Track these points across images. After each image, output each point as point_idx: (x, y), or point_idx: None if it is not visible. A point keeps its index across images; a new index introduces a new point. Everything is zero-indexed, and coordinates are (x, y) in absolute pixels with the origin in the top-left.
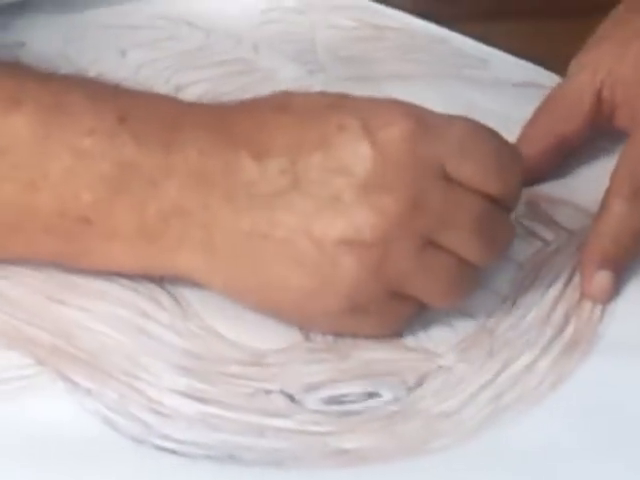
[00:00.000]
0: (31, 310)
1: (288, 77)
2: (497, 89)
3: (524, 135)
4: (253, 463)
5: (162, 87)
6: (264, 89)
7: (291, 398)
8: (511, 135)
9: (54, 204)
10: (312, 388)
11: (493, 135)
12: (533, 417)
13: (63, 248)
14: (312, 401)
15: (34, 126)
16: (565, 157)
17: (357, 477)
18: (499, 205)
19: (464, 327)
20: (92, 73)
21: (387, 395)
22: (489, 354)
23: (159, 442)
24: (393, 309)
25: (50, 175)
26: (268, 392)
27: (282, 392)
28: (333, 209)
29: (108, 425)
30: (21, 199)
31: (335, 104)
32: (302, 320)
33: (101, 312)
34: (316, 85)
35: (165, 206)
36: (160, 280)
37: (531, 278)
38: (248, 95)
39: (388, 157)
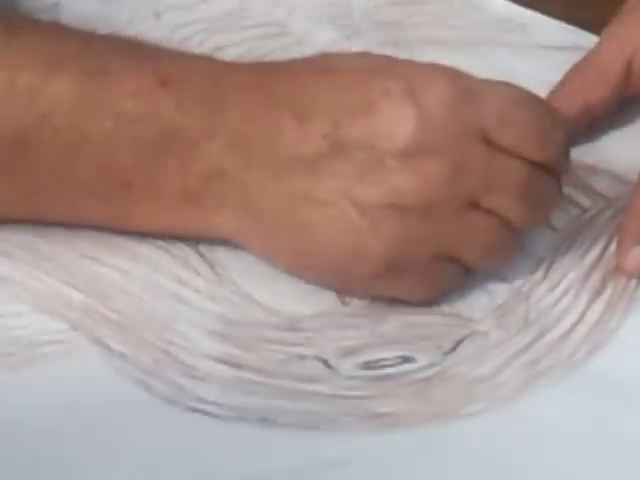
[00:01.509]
0: (65, 267)
1: (324, 41)
2: (537, 54)
3: (550, 98)
4: (287, 426)
5: (196, 50)
6: (298, 53)
7: (326, 363)
8: None
9: (96, 168)
10: (347, 353)
11: (536, 101)
12: (568, 384)
13: (104, 211)
14: (347, 366)
15: (76, 90)
16: (590, 126)
17: (391, 441)
18: (544, 170)
19: (500, 292)
20: (127, 34)
21: (422, 360)
22: (525, 321)
23: (193, 404)
24: (433, 273)
25: (92, 139)
26: (303, 357)
27: (317, 357)
28: (375, 173)
29: (142, 388)
30: (63, 163)
31: (379, 67)
32: (340, 282)
33: (135, 274)
34: (353, 49)
35: (207, 168)
36: (196, 244)
37: (567, 244)
38: (282, 58)
39: (430, 122)
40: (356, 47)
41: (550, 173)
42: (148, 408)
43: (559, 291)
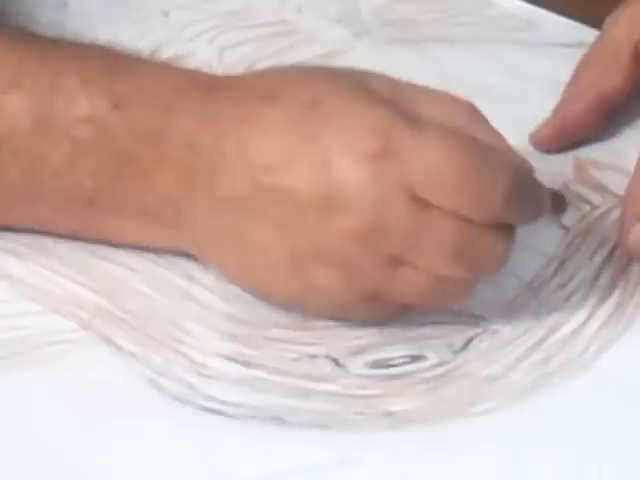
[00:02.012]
0: (75, 266)
1: (332, 39)
2: (546, 51)
3: (567, 92)
4: (298, 425)
5: (205, 48)
6: (308, 51)
7: (336, 362)
8: None
9: (58, 188)
10: (357, 352)
11: (471, 157)
12: (579, 383)
13: (75, 225)
14: (357, 365)
15: (31, 111)
16: (609, 115)
17: (403, 440)
18: (485, 227)
19: (511, 289)
20: (135, 33)
21: (433, 358)
22: (535, 317)
23: (204, 403)
24: (373, 310)
25: (50, 163)
26: (313, 356)
27: (327, 356)
28: (299, 224)
29: (153, 387)
30: (26, 182)
31: (313, 104)
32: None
33: (145, 272)
34: (361, 47)
35: (159, 196)
36: None
37: (578, 241)
38: (291, 56)
39: (354, 177)
40: (364, 45)
41: (495, 227)
42: (159, 407)
43: (569, 289)
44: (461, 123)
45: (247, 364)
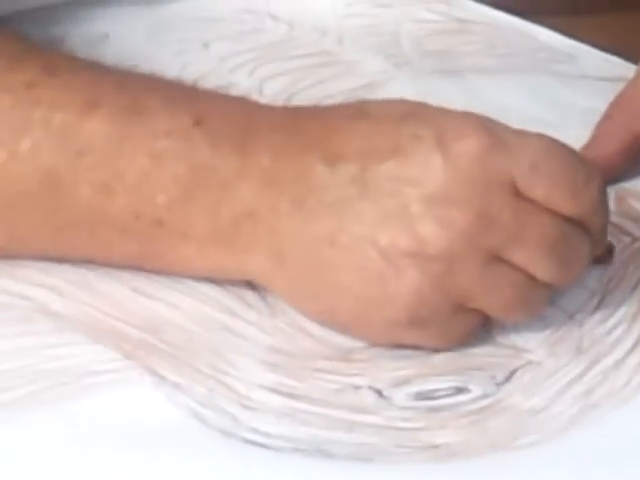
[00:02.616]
0: (118, 303)
1: (373, 70)
2: (584, 84)
3: (599, 131)
4: (342, 457)
5: (246, 79)
6: (348, 82)
7: (379, 394)
8: None
9: (128, 206)
10: (400, 383)
11: (569, 154)
12: (622, 415)
13: (136, 250)
14: (401, 396)
15: (110, 128)
16: None
17: (446, 473)
18: (576, 226)
19: (553, 321)
20: (176, 65)
21: (476, 390)
22: (578, 349)
23: (247, 435)
24: (455, 323)
25: (126, 177)
26: (357, 388)
27: (370, 387)
28: (400, 220)
29: (196, 419)
30: (97, 201)
31: (411, 113)
32: (361, 330)
33: (187, 308)
34: (402, 78)
35: (237, 209)
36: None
37: (620, 274)
38: (332, 87)
39: (459, 170)
40: (405, 76)
41: (582, 229)
42: (202, 439)
43: (611, 323)
44: None
45: (290, 395)
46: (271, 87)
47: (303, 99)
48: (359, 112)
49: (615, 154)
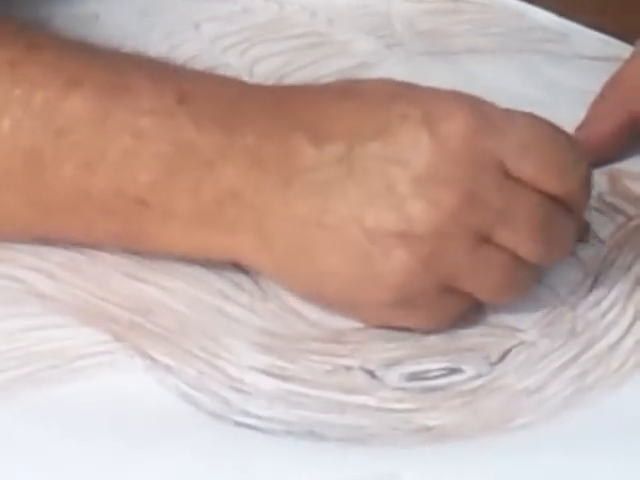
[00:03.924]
0: (109, 286)
1: (364, 51)
2: (578, 64)
3: (594, 111)
4: (334, 439)
5: (237, 60)
6: (339, 63)
7: (372, 374)
8: None
9: (111, 185)
10: (393, 364)
11: (557, 133)
12: (616, 397)
13: (120, 230)
14: (393, 377)
15: (93, 106)
16: (638, 134)
17: (439, 454)
18: (562, 206)
19: (547, 301)
20: (166, 46)
21: (469, 371)
22: (572, 332)
23: (239, 418)
24: (443, 304)
25: (108, 155)
26: (348, 368)
27: (362, 368)
28: (387, 200)
29: (187, 401)
30: (79, 180)
31: (398, 93)
32: (349, 311)
33: (179, 291)
34: (393, 58)
35: (221, 188)
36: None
37: (614, 256)
38: (323, 68)
39: (447, 150)
40: (396, 57)
41: (568, 209)
42: (193, 422)
43: (605, 304)
44: None
45: (282, 377)
46: (262, 68)
47: (294, 80)
48: (347, 91)
49: (610, 134)
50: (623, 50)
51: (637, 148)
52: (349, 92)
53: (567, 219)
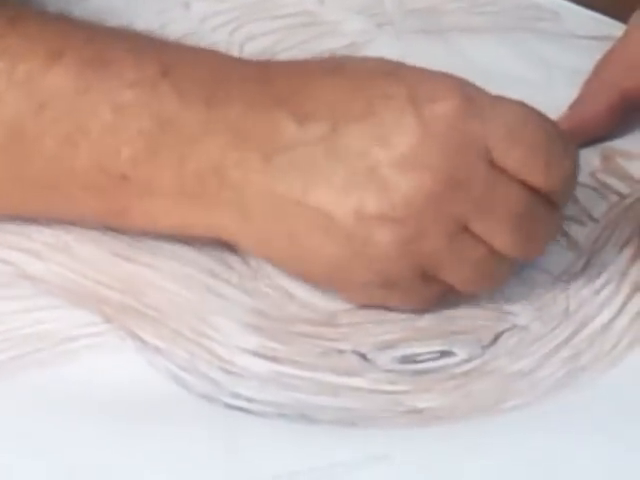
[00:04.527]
0: (98, 267)
1: (355, 30)
2: (570, 42)
3: (587, 89)
4: (326, 422)
5: (226, 40)
6: (330, 42)
7: (364, 357)
8: None
9: (93, 160)
10: (385, 347)
11: (547, 124)
12: (610, 378)
13: (102, 205)
14: (385, 360)
15: (75, 79)
16: (630, 114)
17: (431, 437)
18: (545, 200)
19: (540, 283)
20: (155, 24)
21: (461, 354)
22: (565, 313)
23: (230, 400)
24: (420, 289)
25: (90, 130)
26: (340, 351)
27: (354, 351)
28: (369, 182)
29: (178, 383)
30: (61, 154)
31: (386, 71)
32: (332, 287)
33: (170, 270)
34: (384, 38)
35: (203, 164)
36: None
37: (607, 233)
38: (313, 48)
39: (431, 133)
40: (387, 36)
41: (551, 204)
42: (184, 404)
43: (599, 283)
44: None
45: (274, 359)
46: (252, 47)
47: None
48: (334, 68)
49: (603, 112)
50: (616, 29)
51: (630, 126)
52: (336, 69)
53: (548, 215)
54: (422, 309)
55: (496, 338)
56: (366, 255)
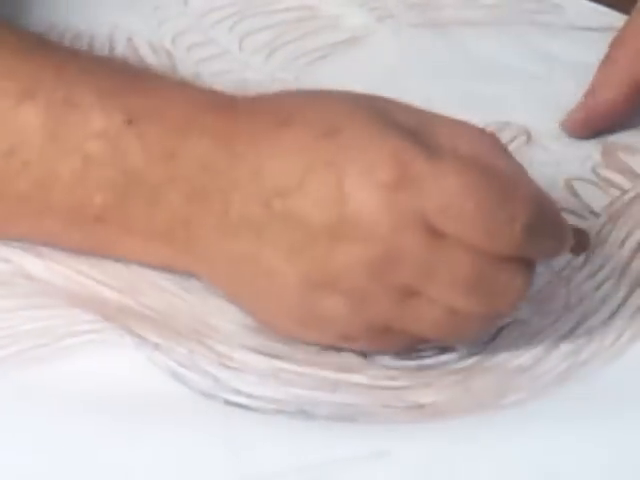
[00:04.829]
0: (97, 266)
1: (355, 24)
2: (572, 35)
3: (602, 76)
4: (325, 418)
5: (225, 35)
6: (330, 36)
7: (363, 354)
8: (586, 83)
9: (67, 202)
10: None
11: (490, 192)
12: (610, 373)
13: (84, 242)
14: (385, 356)
15: (44, 123)
16: None
17: (432, 432)
18: (502, 259)
19: (540, 277)
20: (154, 21)
21: (461, 349)
22: (566, 306)
23: (229, 397)
24: (387, 339)
25: (61, 176)
26: (340, 348)
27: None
28: (310, 249)
29: (177, 380)
30: (35, 195)
31: (332, 130)
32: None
33: (167, 271)
34: (384, 31)
35: (169, 216)
36: None
37: (608, 228)
38: (313, 42)
39: (364, 205)
40: (387, 29)
41: (513, 261)
42: (184, 401)
43: (599, 278)
44: (482, 153)
45: (273, 356)
46: (252, 43)
47: (284, 55)
48: (285, 120)
49: (616, 100)
50: (617, 19)
51: (631, 119)
52: (289, 121)
53: (510, 270)
54: (403, 352)
55: (496, 333)
56: (319, 319)
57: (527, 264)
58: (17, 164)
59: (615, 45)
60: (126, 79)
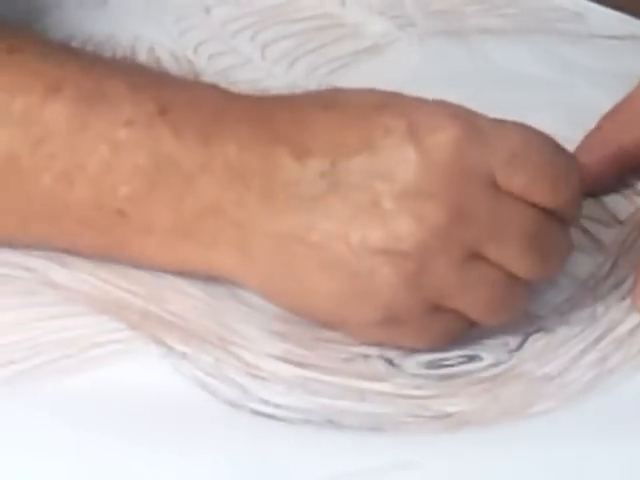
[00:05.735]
0: (122, 273)
1: (376, 32)
2: (593, 43)
3: (586, 141)
4: (353, 428)
5: (248, 44)
6: (351, 45)
7: (390, 362)
8: (608, 91)
9: (90, 196)
10: (411, 352)
11: (549, 144)
12: (637, 382)
13: (99, 241)
14: (411, 365)
15: (72, 115)
16: (629, 170)
17: (459, 441)
18: (555, 218)
19: (567, 287)
20: (175, 30)
21: (488, 358)
22: (592, 317)
23: (256, 406)
24: (432, 324)
25: (86, 167)
26: (366, 357)
27: (380, 356)
28: (372, 216)
29: (204, 389)
30: (58, 190)
31: (382, 104)
32: (337, 326)
33: (194, 278)
34: (406, 40)
35: (201, 203)
36: None
37: (633, 236)
38: (334, 51)
39: (433, 163)
40: (409, 38)
41: (560, 221)
42: (210, 410)
43: (625, 288)
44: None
45: (300, 364)
46: (273, 51)
47: (306, 63)
48: (330, 102)
49: (595, 163)
50: (638, 27)
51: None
52: (332, 103)
53: (559, 232)
54: (436, 347)
55: (523, 342)
56: (371, 290)
57: (568, 227)
58: (42, 157)
59: (605, 116)
60: (156, 75)
